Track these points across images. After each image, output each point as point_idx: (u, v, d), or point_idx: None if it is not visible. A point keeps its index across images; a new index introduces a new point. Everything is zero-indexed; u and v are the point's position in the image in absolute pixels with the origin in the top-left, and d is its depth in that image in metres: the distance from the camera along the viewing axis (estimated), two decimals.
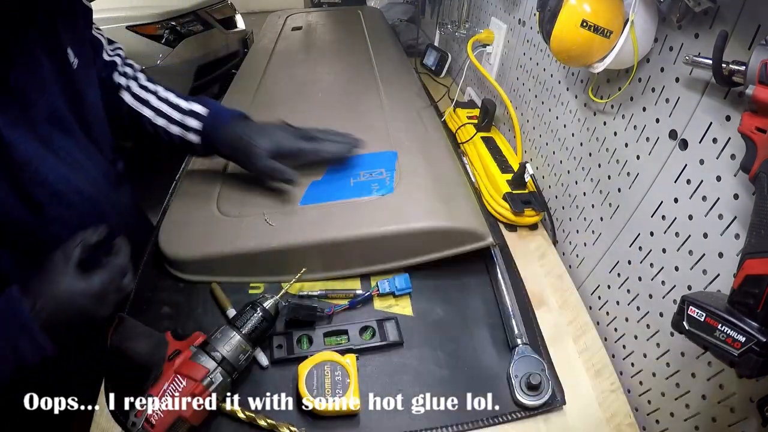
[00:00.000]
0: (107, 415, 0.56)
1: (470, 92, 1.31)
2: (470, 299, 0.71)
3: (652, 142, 0.60)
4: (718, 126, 0.49)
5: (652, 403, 0.61)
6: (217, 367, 0.53)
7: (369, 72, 1.20)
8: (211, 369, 0.52)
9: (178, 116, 0.75)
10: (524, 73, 0.98)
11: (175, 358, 0.53)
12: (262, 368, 0.61)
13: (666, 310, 0.58)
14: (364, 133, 0.93)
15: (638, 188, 0.63)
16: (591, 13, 0.59)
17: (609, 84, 0.69)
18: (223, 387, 0.53)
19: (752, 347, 0.35)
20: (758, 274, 0.36)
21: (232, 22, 3.00)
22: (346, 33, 1.55)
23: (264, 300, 0.60)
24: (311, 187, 0.78)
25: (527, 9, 0.94)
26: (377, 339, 0.64)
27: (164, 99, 0.76)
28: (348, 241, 0.69)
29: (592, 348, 0.67)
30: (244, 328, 0.57)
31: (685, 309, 0.41)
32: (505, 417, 0.57)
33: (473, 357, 0.63)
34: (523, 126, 0.99)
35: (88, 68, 0.65)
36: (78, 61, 0.62)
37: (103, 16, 2.33)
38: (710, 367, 0.50)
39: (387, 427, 0.56)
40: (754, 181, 0.40)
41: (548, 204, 0.87)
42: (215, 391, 0.52)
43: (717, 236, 0.49)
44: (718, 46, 0.42)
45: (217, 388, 0.52)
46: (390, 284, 0.70)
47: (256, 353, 0.61)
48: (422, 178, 0.79)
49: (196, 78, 2.61)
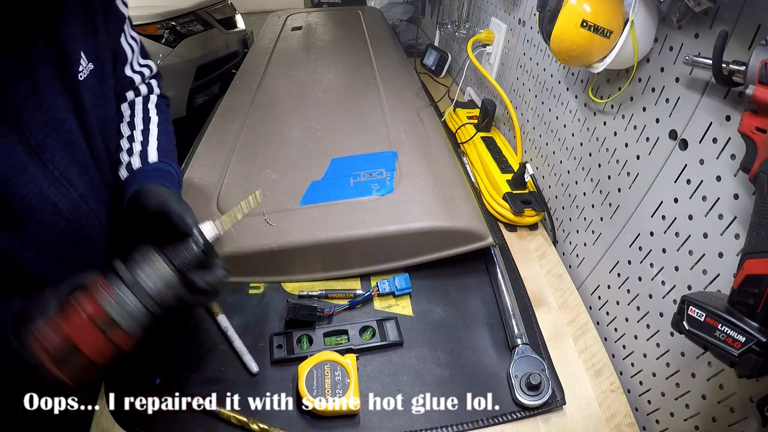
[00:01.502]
0: (107, 415, 0.56)
1: (470, 92, 1.31)
2: (470, 299, 0.71)
3: (652, 142, 0.60)
4: (718, 126, 0.49)
5: (652, 403, 0.61)
6: (128, 290, 0.44)
7: (369, 72, 1.20)
8: (117, 290, 0.44)
9: (137, 149, 0.64)
10: (524, 73, 0.98)
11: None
12: (252, 374, 0.60)
13: (666, 310, 0.58)
14: (364, 133, 0.93)
15: (638, 188, 0.63)
16: (591, 13, 0.59)
17: (609, 84, 0.69)
18: (135, 318, 0.44)
19: (752, 347, 0.35)
20: (758, 274, 0.36)
21: (232, 22, 3.00)
22: (346, 33, 1.55)
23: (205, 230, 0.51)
24: (311, 187, 0.78)
25: (527, 9, 0.94)
26: (377, 339, 0.64)
27: (148, 130, 0.66)
28: (348, 241, 0.69)
29: (592, 348, 0.67)
30: (175, 259, 0.48)
31: (685, 309, 0.41)
32: (505, 417, 0.57)
33: (473, 357, 0.63)
34: (523, 126, 0.99)
35: (104, 80, 0.59)
36: (93, 67, 0.56)
37: None
38: (710, 367, 0.50)
39: (387, 427, 0.56)
40: (754, 181, 0.40)
41: (548, 204, 0.87)
42: (121, 319, 0.43)
43: (717, 236, 0.49)
44: (718, 46, 0.42)
45: (123, 315, 0.43)
46: (390, 284, 0.70)
47: (244, 357, 0.60)
48: (422, 178, 0.79)
49: (196, 78, 2.61)
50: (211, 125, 1.03)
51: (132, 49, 0.67)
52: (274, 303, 0.69)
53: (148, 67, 0.71)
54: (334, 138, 0.92)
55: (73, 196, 0.55)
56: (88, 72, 0.56)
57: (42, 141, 0.51)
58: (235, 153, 0.89)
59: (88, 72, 0.56)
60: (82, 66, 0.55)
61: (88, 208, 0.57)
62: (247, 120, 1.01)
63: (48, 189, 0.52)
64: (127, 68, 0.67)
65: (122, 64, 0.66)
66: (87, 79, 0.55)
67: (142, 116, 0.68)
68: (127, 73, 0.67)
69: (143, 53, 0.70)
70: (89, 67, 0.56)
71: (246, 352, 0.62)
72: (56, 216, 0.53)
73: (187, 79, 2.57)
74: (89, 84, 0.56)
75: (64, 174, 0.54)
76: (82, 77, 0.54)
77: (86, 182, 0.57)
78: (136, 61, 0.69)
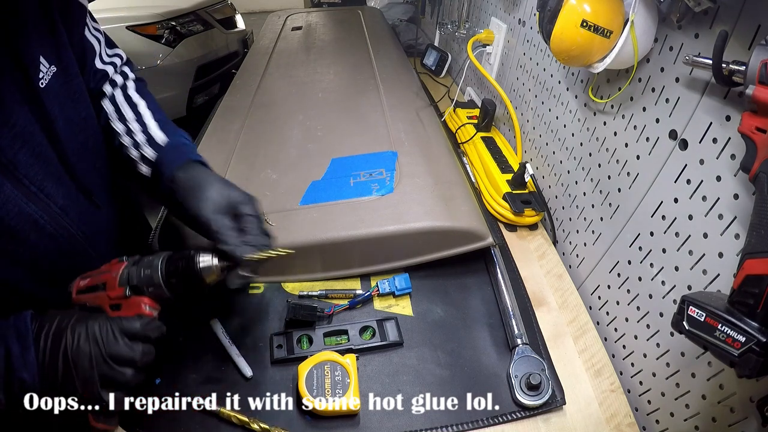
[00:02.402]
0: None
1: (470, 92, 1.31)
2: (470, 299, 0.71)
3: (652, 142, 0.60)
4: (718, 126, 0.49)
5: (652, 403, 0.61)
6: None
7: (369, 72, 1.20)
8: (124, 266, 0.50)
9: (141, 139, 0.62)
10: (524, 73, 0.98)
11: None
12: (246, 379, 0.59)
13: (666, 310, 0.58)
14: (364, 133, 0.93)
15: (638, 188, 0.63)
16: (591, 13, 0.59)
17: (609, 84, 0.69)
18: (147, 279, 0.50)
19: (752, 347, 0.35)
20: (758, 274, 0.36)
21: (232, 22, 3.01)
22: (346, 33, 1.55)
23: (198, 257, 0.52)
24: (311, 187, 0.78)
25: (527, 9, 0.94)
26: (377, 339, 0.64)
27: (140, 114, 0.65)
28: (348, 241, 0.69)
29: (592, 348, 0.67)
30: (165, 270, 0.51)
31: (685, 309, 0.41)
32: (505, 417, 0.57)
33: (473, 357, 0.63)
34: (523, 126, 0.99)
35: (69, 80, 0.56)
36: (56, 70, 0.54)
37: (103, 16, 2.33)
38: (710, 367, 0.50)
39: (387, 427, 0.56)
40: (754, 181, 0.40)
41: (548, 204, 0.87)
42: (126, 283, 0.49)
43: (717, 236, 0.49)
44: (718, 46, 0.42)
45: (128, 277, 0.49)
46: (390, 284, 0.70)
47: (238, 361, 0.60)
48: (422, 178, 0.79)
49: (196, 78, 2.62)
50: (211, 125, 1.02)
51: (98, 40, 0.65)
52: (274, 303, 0.69)
53: (118, 55, 0.69)
54: (334, 138, 0.92)
55: (54, 210, 0.53)
56: (51, 76, 0.53)
57: (14, 157, 0.49)
58: (235, 153, 0.89)
59: (51, 76, 0.53)
60: (42, 71, 0.52)
61: (69, 219, 0.55)
62: (247, 120, 1.01)
63: (27, 206, 0.50)
64: (97, 60, 0.65)
65: (92, 58, 0.64)
66: (50, 83, 0.53)
67: (129, 106, 0.65)
68: (99, 66, 0.65)
69: (109, 43, 0.68)
70: (51, 71, 0.53)
71: (239, 357, 0.61)
72: (38, 232, 0.52)
73: (187, 79, 2.58)
74: (53, 88, 0.53)
75: (42, 188, 0.52)
76: (44, 83, 0.52)
77: (64, 193, 0.55)
78: (104, 52, 0.66)
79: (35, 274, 0.53)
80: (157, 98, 0.71)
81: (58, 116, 0.54)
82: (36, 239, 0.51)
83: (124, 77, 0.68)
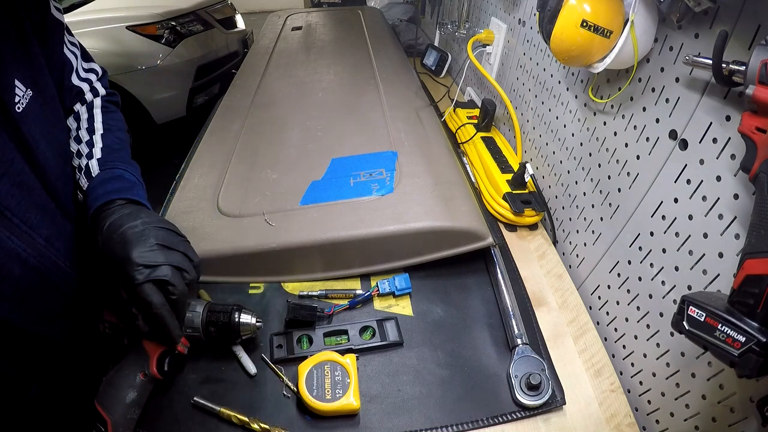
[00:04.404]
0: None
1: (470, 92, 1.31)
2: (470, 299, 0.71)
3: (652, 142, 0.60)
4: (718, 126, 0.49)
5: (652, 403, 0.61)
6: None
7: (369, 72, 1.20)
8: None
9: (83, 163, 0.59)
10: (524, 73, 0.98)
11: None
12: (250, 376, 0.60)
13: (666, 310, 0.58)
14: (364, 133, 0.93)
15: (638, 188, 0.63)
16: (591, 13, 0.59)
17: (609, 84, 0.69)
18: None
19: (752, 347, 0.35)
20: (758, 274, 0.36)
21: (232, 22, 3.01)
22: (346, 33, 1.55)
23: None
24: (311, 187, 0.78)
25: (527, 9, 0.94)
26: (377, 339, 0.64)
27: (92, 137, 0.62)
28: (348, 241, 0.69)
29: (592, 348, 0.67)
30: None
31: (685, 309, 0.41)
32: (505, 417, 0.57)
33: (473, 357, 0.63)
34: (523, 126, 0.99)
35: (46, 102, 0.55)
36: (32, 93, 0.51)
37: (103, 16, 2.33)
38: (710, 367, 0.50)
39: (387, 427, 0.56)
40: (754, 181, 0.40)
41: (548, 204, 0.87)
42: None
43: (717, 236, 0.49)
44: (718, 46, 0.42)
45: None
46: (390, 284, 0.70)
47: (242, 357, 0.61)
48: (422, 178, 0.79)
49: (196, 78, 2.62)
50: (211, 125, 1.03)
51: (75, 55, 0.64)
52: (274, 303, 0.69)
53: (93, 71, 0.67)
54: (334, 138, 0.92)
55: (38, 243, 0.51)
56: (28, 100, 0.51)
57: None
58: (235, 153, 0.89)
59: (28, 100, 0.51)
60: (18, 96, 0.49)
61: (55, 251, 0.53)
62: (247, 120, 1.01)
63: (9, 240, 0.47)
64: (73, 77, 0.63)
65: (68, 74, 0.62)
66: (27, 108, 0.50)
67: (87, 126, 0.63)
68: (75, 83, 0.63)
69: (85, 57, 0.66)
70: (28, 94, 0.51)
71: (243, 354, 0.61)
72: (23, 267, 0.49)
73: (187, 79, 2.58)
74: (30, 112, 0.51)
75: (25, 220, 0.49)
76: (20, 108, 0.49)
77: (49, 223, 0.53)
78: (81, 67, 0.65)
79: (22, 309, 0.50)
80: (157, 98, 0.70)
81: (39, 141, 0.52)
82: (20, 274, 0.48)
83: (95, 94, 0.66)
